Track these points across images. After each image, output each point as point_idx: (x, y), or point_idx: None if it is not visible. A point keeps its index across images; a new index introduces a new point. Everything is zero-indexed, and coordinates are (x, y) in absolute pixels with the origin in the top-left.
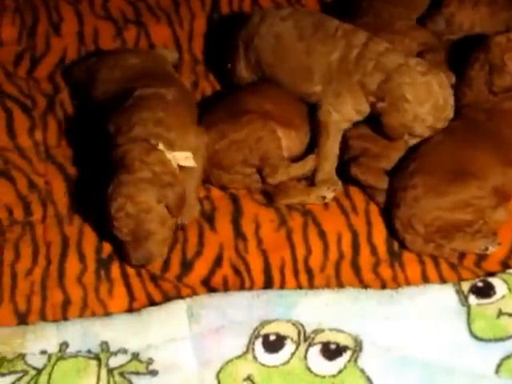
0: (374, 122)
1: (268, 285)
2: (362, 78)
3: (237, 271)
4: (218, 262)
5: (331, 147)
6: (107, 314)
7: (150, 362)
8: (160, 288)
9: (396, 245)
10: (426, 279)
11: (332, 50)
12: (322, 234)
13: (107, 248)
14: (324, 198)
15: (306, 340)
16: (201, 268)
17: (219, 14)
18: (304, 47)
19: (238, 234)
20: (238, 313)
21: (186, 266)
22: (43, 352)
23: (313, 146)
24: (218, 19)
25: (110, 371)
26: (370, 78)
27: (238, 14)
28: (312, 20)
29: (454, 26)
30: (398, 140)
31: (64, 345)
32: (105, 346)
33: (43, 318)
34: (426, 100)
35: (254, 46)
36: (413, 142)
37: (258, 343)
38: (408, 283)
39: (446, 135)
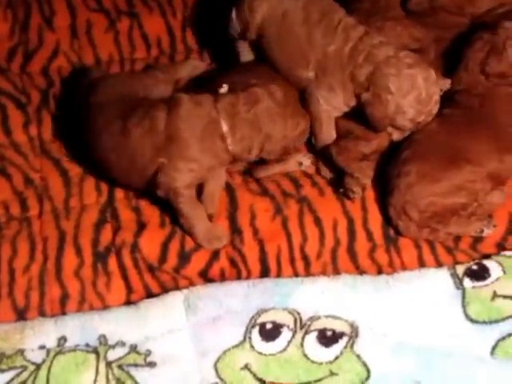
0: (359, 115)
1: (265, 274)
2: (353, 70)
3: (234, 263)
4: (215, 255)
5: (326, 134)
6: (105, 307)
7: (148, 353)
8: (158, 280)
9: (392, 230)
10: (422, 263)
11: (330, 42)
12: (318, 221)
13: (104, 241)
14: (301, 163)
15: (302, 327)
16: (198, 261)
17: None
18: (305, 33)
19: (235, 229)
20: (234, 302)
21: (184, 258)
22: (42, 347)
23: None
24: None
25: (109, 364)
26: (360, 70)
27: None
28: (321, 6)
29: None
30: (381, 132)
31: (62, 339)
32: (103, 339)
33: (42, 313)
34: (408, 92)
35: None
36: (397, 136)
37: (255, 332)
38: (404, 268)
39: (439, 123)
